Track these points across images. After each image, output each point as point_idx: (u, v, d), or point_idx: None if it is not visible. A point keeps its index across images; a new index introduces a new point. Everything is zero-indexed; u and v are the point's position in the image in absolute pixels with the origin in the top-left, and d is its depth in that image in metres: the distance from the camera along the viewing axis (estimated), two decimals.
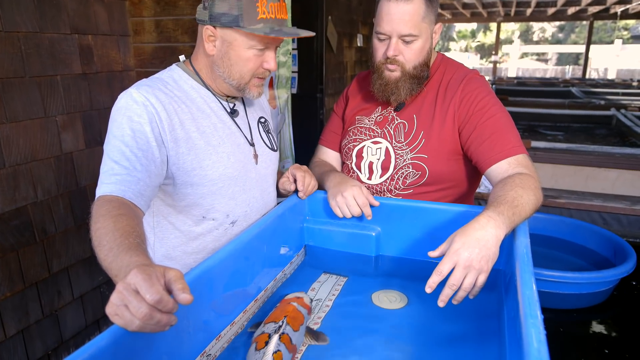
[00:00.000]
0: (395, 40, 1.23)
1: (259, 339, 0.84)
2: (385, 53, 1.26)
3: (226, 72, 1.09)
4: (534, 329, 0.66)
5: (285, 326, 0.86)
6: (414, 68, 1.27)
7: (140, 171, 0.95)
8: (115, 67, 2.31)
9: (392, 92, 1.30)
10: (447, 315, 0.99)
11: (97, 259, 0.78)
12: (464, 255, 0.87)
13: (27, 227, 1.90)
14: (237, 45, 1.05)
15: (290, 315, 0.91)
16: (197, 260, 1.15)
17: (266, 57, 1.09)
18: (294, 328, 0.88)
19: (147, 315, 0.60)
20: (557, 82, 13.41)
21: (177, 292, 0.64)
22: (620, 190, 3.73)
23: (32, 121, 1.89)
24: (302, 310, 0.95)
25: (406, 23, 1.20)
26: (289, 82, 2.63)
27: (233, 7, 1.01)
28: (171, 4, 2.35)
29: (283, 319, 0.88)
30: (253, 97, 1.15)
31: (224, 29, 1.04)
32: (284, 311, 0.93)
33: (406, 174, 1.31)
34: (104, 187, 0.92)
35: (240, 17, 1.01)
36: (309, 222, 1.32)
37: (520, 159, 1.19)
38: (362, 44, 5.00)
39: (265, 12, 1.02)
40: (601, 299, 2.59)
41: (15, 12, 1.79)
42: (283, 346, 0.82)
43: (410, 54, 1.25)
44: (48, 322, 2.02)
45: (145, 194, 0.96)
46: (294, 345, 0.85)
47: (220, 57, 1.08)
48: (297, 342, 0.87)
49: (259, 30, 1.01)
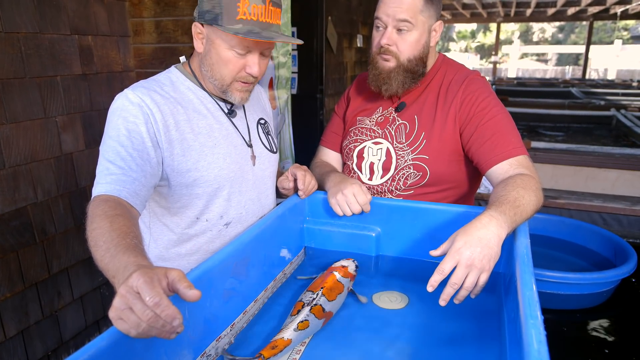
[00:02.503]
0: (390, 28, 1.24)
1: (296, 306, 0.97)
2: (379, 42, 1.26)
3: (209, 71, 1.08)
4: (535, 329, 0.66)
5: (319, 298, 0.97)
6: (408, 61, 1.27)
7: (135, 171, 0.95)
8: (115, 67, 2.31)
9: (384, 82, 1.30)
10: (447, 315, 0.99)
11: (94, 259, 0.77)
12: (466, 254, 0.87)
13: (27, 228, 1.90)
14: (218, 44, 1.04)
15: (328, 287, 1.01)
16: (190, 262, 1.15)
17: (248, 61, 1.05)
18: (330, 298, 0.99)
19: (153, 317, 0.59)
20: (557, 82, 13.43)
21: (184, 291, 0.63)
22: (620, 191, 3.73)
23: (32, 122, 1.89)
24: (343, 280, 1.06)
25: (402, 10, 1.22)
26: (288, 82, 2.64)
27: (216, 5, 1.00)
28: (171, 4, 2.35)
29: (319, 291, 0.99)
30: (236, 102, 1.13)
31: (208, 26, 1.04)
32: (323, 281, 1.03)
33: (407, 175, 1.31)
34: (99, 187, 0.92)
35: (220, 15, 1.00)
36: (309, 223, 1.32)
37: (521, 160, 1.19)
38: (362, 45, 5.00)
39: (247, 12, 0.99)
40: (602, 300, 2.59)
41: (15, 13, 1.79)
42: (312, 316, 0.93)
43: (404, 45, 1.25)
44: (48, 323, 2.02)
45: (141, 194, 0.95)
46: (327, 312, 0.97)
47: (205, 54, 1.07)
48: (332, 308, 0.99)
49: (233, 30, 0.99)
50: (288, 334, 0.88)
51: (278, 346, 0.86)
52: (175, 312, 0.61)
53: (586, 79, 15.48)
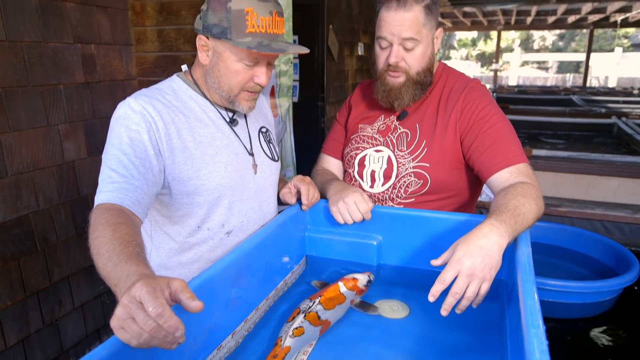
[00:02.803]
0: (396, 47, 1.24)
1: (292, 313, 0.98)
2: (387, 60, 1.26)
3: (216, 82, 1.09)
4: (537, 339, 0.66)
5: (315, 306, 0.97)
6: (417, 74, 1.27)
7: (137, 179, 0.95)
8: (117, 76, 2.32)
9: (395, 98, 1.30)
10: (449, 325, 0.98)
11: (96, 267, 0.78)
12: (467, 263, 0.87)
13: (29, 236, 1.90)
14: (226, 57, 1.05)
15: (327, 296, 1.01)
16: (192, 271, 1.15)
17: (256, 72, 1.07)
18: (327, 307, 0.99)
19: (155, 328, 0.59)
20: (558, 90, 13.44)
21: (187, 302, 0.63)
22: (622, 199, 3.73)
23: (34, 130, 1.90)
24: (347, 292, 1.05)
25: (407, 28, 1.21)
26: (290, 90, 2.65)
27: (223, 19, 1.01)
28: (173, 13, 2.37)
29: (316, 299, 0.99)
30: (243, 111, 1.14)
31: (215, 40, 1.04)
32: (326, 291, 1.03)
33: (408, 183, 1.31)
34: (101, 196, 0.92)
35: (228, 29, 1.00)
36: (310, 231, 1.32)
37: (522, 168, 1.19)
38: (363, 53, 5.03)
39: (255, 26, 1.01)
40: (605, 308, 2.57)
41: (19, 22, 1.81)
42: (307, 323, 0.93)
43: (412, 59, 1.26)
44: (48, 332, 2.02)
45: (143, 202, 0.96)
46: (323, 321, 0.97)
47: (212, 67, 1.08)
48: (329, 317, 0.98)
49: (245, 44, 1.00)
50: (286, 342, 0.89)
51: (279, 355, 0.86)
52: (178, 322, 0.61)
53: (587, 86, 15.50)
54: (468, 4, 10.54)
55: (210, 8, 1.02)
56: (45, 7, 1.91)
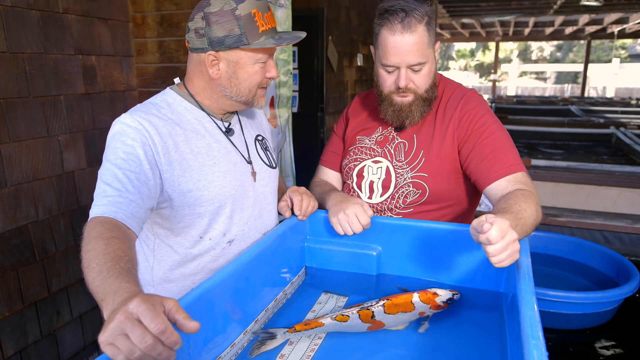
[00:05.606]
0: (404, 70, 1.24)
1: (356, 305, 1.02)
2: (396, 83, 1.26)
3: (234, 90, 1.11)
4: (536, 350, 0.66)
5: (375, 306, 1.01)
6: (425, 91, 1.28)
7: (132, 193, 0.95)
8: (118, 87, 2.33)
9: (406, 117, 1.30)
10: (450, 335, 0.98)
11: (85, 280, 0.76)
12: (514, 236, 0.86)
13: (28, 246, 1.90)
14: (243, 63, 1.08)
15: (394, 301, 1.02)
16: (195, 282, 1.14)
17: (268, 67, 1.13)
18: (388, 311, 1.00)
19: (151, 345, 0.58)
20: (556, 100, 13.50)
21: (183, 322, 0.63)
22: (621, 209, 3.73)
23: (34, 140, 1.90)
24: (418, 304, 1.03)
25: (414, 54, 1.21)
26: (289, 101, 2.66)
27: (233, 27, 1.03)
28: (174, 25, 2.39)
29: (382, 301, 1.02)
30: (260, 107, 1.18)
31: (228, 50, 1.06)
32: (398, 296, 1.04)
33: (406, 193, 1.31)
34: (96, 209, 0.92)
35: (243, 35, 1.03)
36: (309, 242, 1.32)
37: (520, 177, 1.19)
38: (362, 64, 5.06)
39: (264, 24, 1.06)
40: (606, 319, 2.56)
41: (20, 34, 1.82)
42: (356, 316, 0.98)
43: (420, 80, 1.26)
44: (46, 342, 2.00)
45: (138, 216, 0.95)
46: (377, 321, 1.00)
47: (227, 78, 1.09)
48: (386, 320, 1.00)
49: (264, 43, 1.05)
50: (324, 319, 0.97)
51: (310, 324, 0.96)
52: (179, 339, 0.61)
53: (585, 97, 15.58)
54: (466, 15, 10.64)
55: (212, 23, 1.03)
56: (47, 19, 1.93)
